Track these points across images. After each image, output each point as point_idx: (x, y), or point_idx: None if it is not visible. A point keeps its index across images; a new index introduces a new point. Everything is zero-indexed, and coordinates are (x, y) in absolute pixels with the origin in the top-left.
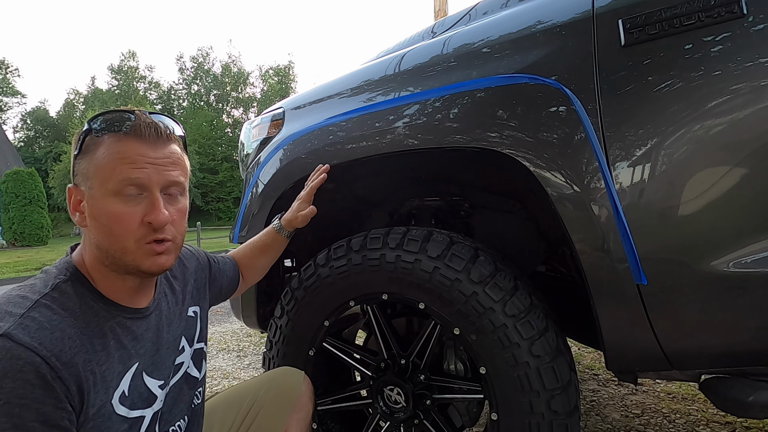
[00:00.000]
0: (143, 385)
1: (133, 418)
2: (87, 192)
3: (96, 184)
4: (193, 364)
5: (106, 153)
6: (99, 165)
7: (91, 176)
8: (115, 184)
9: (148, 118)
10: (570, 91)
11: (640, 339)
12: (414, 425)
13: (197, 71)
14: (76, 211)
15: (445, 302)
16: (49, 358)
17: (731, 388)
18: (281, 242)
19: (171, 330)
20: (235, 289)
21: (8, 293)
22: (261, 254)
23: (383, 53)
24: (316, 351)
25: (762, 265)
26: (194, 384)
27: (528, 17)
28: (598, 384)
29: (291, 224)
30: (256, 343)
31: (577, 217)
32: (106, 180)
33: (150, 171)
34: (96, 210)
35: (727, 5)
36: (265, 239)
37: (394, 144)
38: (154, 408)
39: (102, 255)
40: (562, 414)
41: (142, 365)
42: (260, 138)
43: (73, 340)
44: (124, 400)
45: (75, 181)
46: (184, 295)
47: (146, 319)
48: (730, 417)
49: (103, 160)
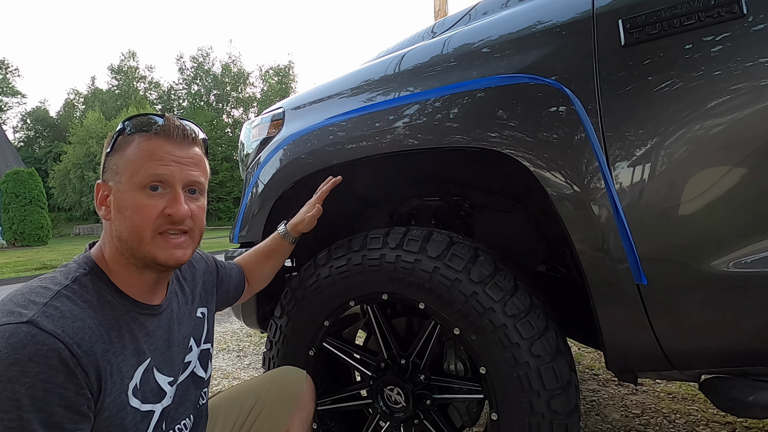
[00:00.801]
0: (154, 380)
1: (144, 412)
2: (114, 186)
3: (124, 178)
4: (199, 364)
5: (136, 150)
6: (129, 161)
7: (120, 171)
8: (142, 179)
9: (176, 121)
10: (570, 91)
11: (640, 339)
12: (414, 425)
13: (197, 71)
14: (102, 205)
15: (445, 302)
16: (71, 345)
17: (731, 388)
18: (286, 248)
19: (181, 329)
20: (240, 295)
21: (29, 284)
22: (266, 260)
23: (383, 53)
24: (316, 351)
25: (762, 265)
26: (200, 384)
27: (528, 17)
28: (598, 384)
29: (296, 229)
30: (256, 343)
31: (577, 217)
32: (134, 174)
33: (174, 168)
34: (122, 202)
35: (727, 5)
36: (271, 245)
37: (394, 144)
38: (163, 404)
39: (122, 247)
40: (562, 414)
41: (153, 361)
42: (260, 138)
43: (92, 330)
44: (137, 393)
45: (104, 177)
46: (193, 296)
47: (159, 317)
48: (730, 417)
49: (132, 156)
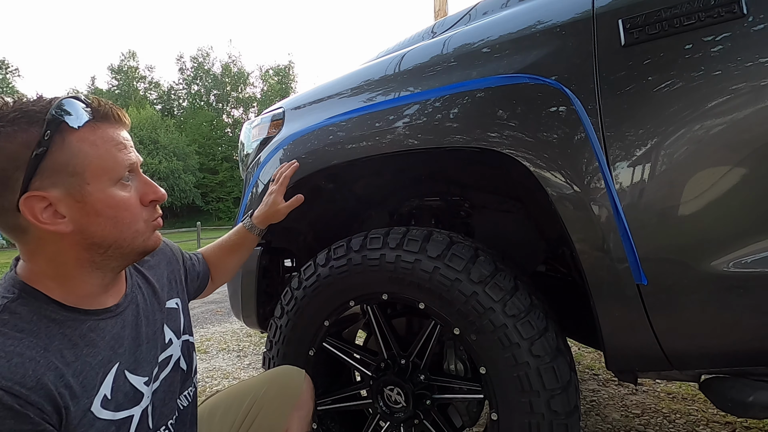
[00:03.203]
0: (128, 384)
1: (120, 419)
2: (68, 190)
3: (89, 177)
4: (183, 356)
5: (94, 142)
6: (89, 156)
7: (77, 171)
8: (118, 172)
9: (104, 102)
10: (570, 91)
11: (640, 339)
12: (414, 425)
13: (197, 71)
14: (48, 221)
15: (445, 302)
16: (11, 388)
17: (731, 388)
18: (252, 241)
19: (151, 324)
20: (204, 288)
21: None
22: (230, 254)
23: (383, 53)
24: (316, 351)
25: (762, 265)
26: (185, 377)
27: (528, 17)
28: (598, 384)
29: (266, 221)
30: (256, 343)
31: (577, 217)
32: (106, 169)
33: (133, 152)
34: (97, 204)
35: (727, 5)
36: (235, 239)
37: (394, 144)
38: (141, 405)
39: (97, 252)
40: (562, 414)
41: (123, 364)
42: (260, 138)
43: (36, 361)
44: (108, 404)
45: (34, 186)
46: (161, 285)
47: (121, 316)
48: (730, 417)
49: (92, 151)
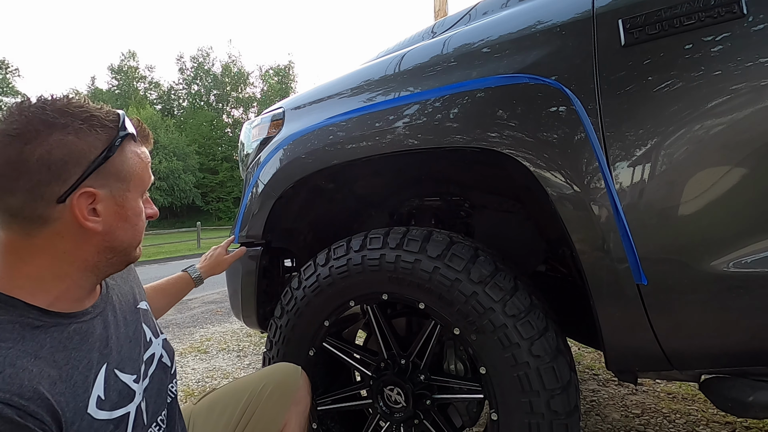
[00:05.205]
0: (119, 382)
1: (117, 418)
2: (111, 193)
3: (131, 185)
4: (165, 352)
5: (137, 156)
6: (133, 166)
7: (124, 177)
8: (146, 186)
9: (137, 120)
10: (570, 91)
11: (640, 339)
12: (414, 425)
13: (197, 71)
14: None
15: (445, 302)
16: (10, 399)
17: (731, 388)
18: (189, 288)
19: (130, 323)
20: None
21: None
22: (164, 297)
23: (383, 53)
24: (316, 351)
25: (762, 265)
26: (168, 373)
27: (528, 17)
28: (598, 384)
29: (210, 271)
30: (256, 343)
31: (577, 217)
32: (141, 181)
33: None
34: (130, 210)
35: (727, 5)
36: (174, 284)
37: (394, 144)
38: (135, 402)
39: (106, 256)
40: (562, 414)
41: (112, 363)
42: (260, 138)
43: (29, 371)
44: (103, 404)
45: (87, 183)
46: (129, 287)
47: (100, 316)
48: (730, 417)
49: (136, 163)
